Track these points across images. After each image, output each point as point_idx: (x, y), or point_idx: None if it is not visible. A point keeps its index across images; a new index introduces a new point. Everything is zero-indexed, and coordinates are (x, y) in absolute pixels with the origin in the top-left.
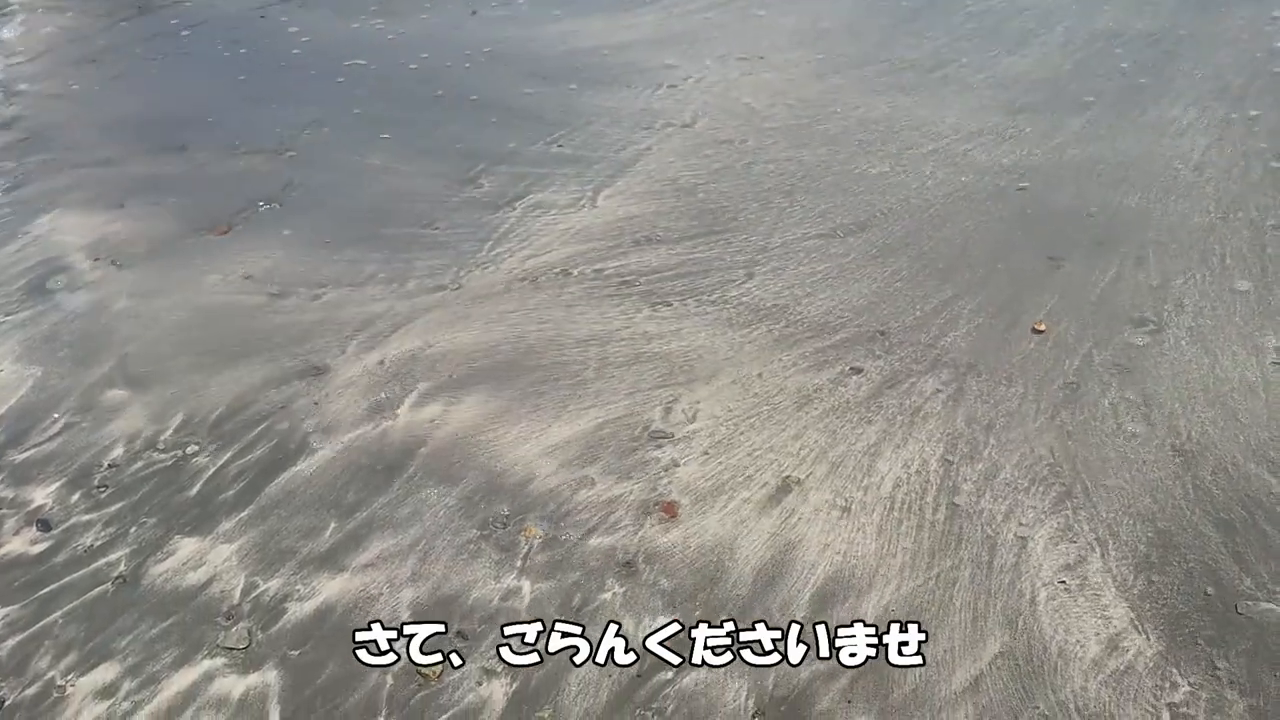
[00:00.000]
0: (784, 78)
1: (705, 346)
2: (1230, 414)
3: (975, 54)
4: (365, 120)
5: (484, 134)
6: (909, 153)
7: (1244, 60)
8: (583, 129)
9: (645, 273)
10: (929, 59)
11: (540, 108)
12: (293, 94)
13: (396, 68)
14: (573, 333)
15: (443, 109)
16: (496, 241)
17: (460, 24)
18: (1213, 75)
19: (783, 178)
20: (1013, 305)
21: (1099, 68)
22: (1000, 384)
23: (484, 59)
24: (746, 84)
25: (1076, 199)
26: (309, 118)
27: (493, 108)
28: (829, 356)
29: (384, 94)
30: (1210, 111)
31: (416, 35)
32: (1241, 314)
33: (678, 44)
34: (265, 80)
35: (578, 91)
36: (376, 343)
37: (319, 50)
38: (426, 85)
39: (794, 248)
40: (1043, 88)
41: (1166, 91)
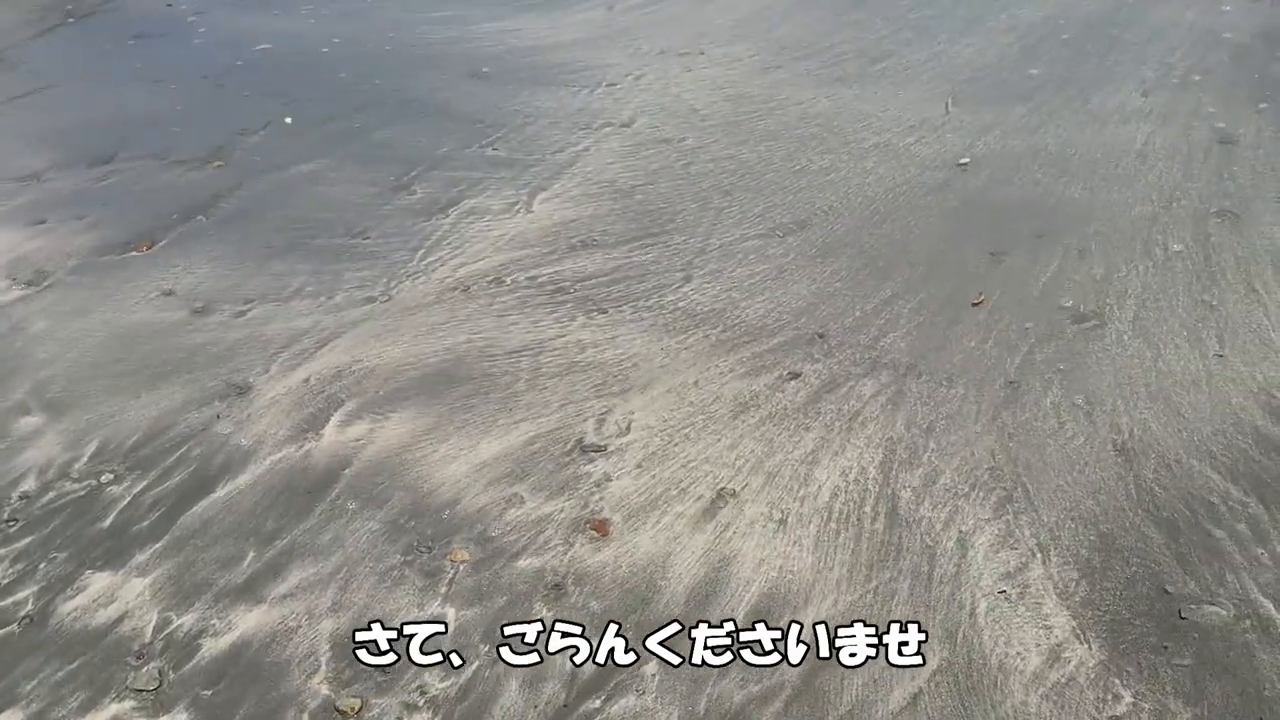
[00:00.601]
0: (724, 73)
1: (641, 354)
2: (1173, 410)
3: (917, 43)
4: (297, 125)
5: (419, 137)
6: (850, 147)
7: (1188, 46)
8: (519, 130)
9: (580, 279)
10: (871, 49)
11: (476, 108)
12: (224, 100)
13: (330, 70)
14: (505, 343)
15: (377, 112)
16: (428, 250)
17: (398, 24)
18: (1157, 61)
19: (722, 176)
20: (954, 302)
21: (1042, 55)
22: (940, 385)
23: (421, 59)
24: (686, 80)
25: (1019, 190)
26: (239, 124)
27: (428, 109)
28: (766, 361)
29: (317, 97)
30: (1154, 98)
31: (352, 36)
32: (1184, 306)
33: (617, 40)
34: (196, 86)
35: (515, 91)
36: (302, 360)
37: (251, 55)
38: (361, 87)
39: (732, 249)
40: (985, 77)
41: (1110, 78)
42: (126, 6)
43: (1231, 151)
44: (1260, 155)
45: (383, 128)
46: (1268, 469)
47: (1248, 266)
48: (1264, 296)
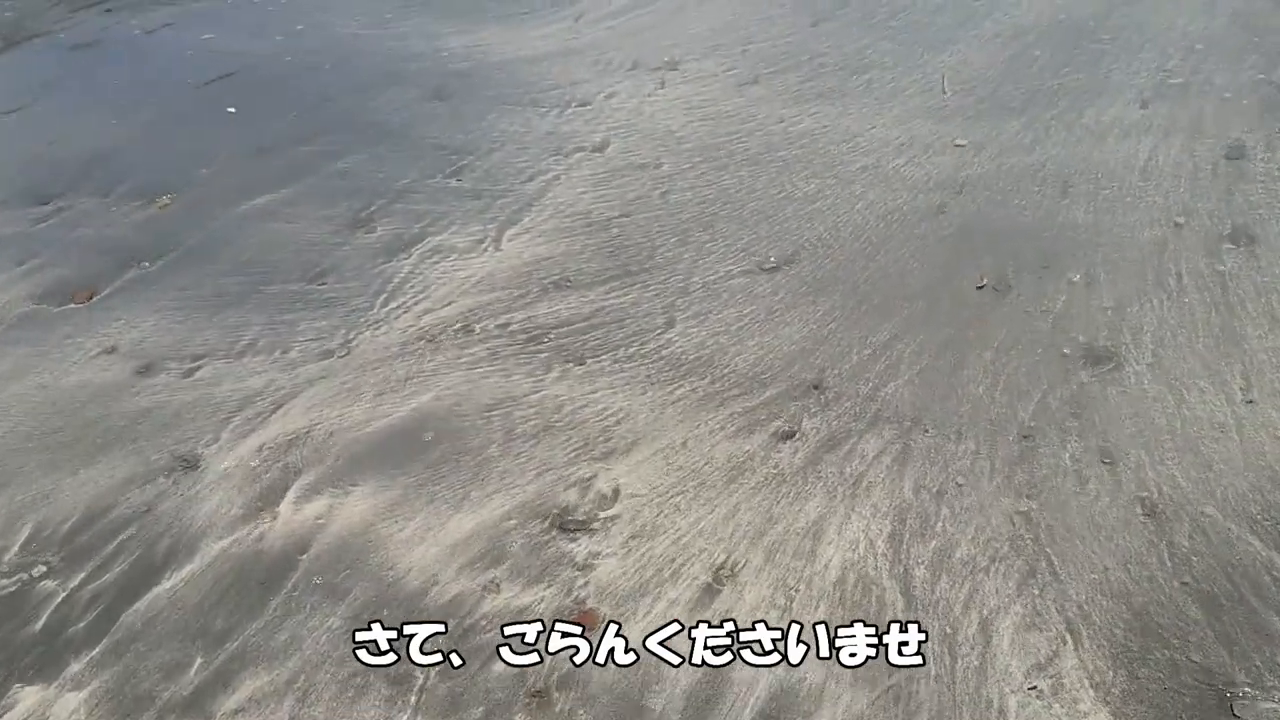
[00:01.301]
0: (700, 90)
1: (623, 411)
2: (1203, 463)
3: (900, 54)
4: (253, 155)
5: (379, 166)
6: (837, 170)
7: (1184, 52)
8: (485, 157)
9: (555, 325)
10: (852, 61)
11: (441, 133)
12: (175, 128)
13: (288, 91)
14: (475, 400)
15: (337, 137)
16: (390, 295)
17: (361, 40)
18: (1153, 68)
19: (702, 206)
20: (957, 343)
21: (1031, 64)
22: (949, 440)
23: (384, 77)
24: (660, 99)
25: (1018, 214)
26: (191, 155)
27: (390, 134)
28: (759, 417)
29: (275, 122)
30: (1154, 109)
31: (313, 54)
32: (1205, 343)
33: (587, 54)
34: (146, 114)
35: (481, 112)
36: (255, 425)
37: (205, 77)
38: (321, 110)
39: (717, 289)
40: (973, 90)
41: (1105, 88)
42: (73, 28)
43: (1241, 167)
44: (1272, 169)
45: (342, 155)
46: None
47: (1269, 295)
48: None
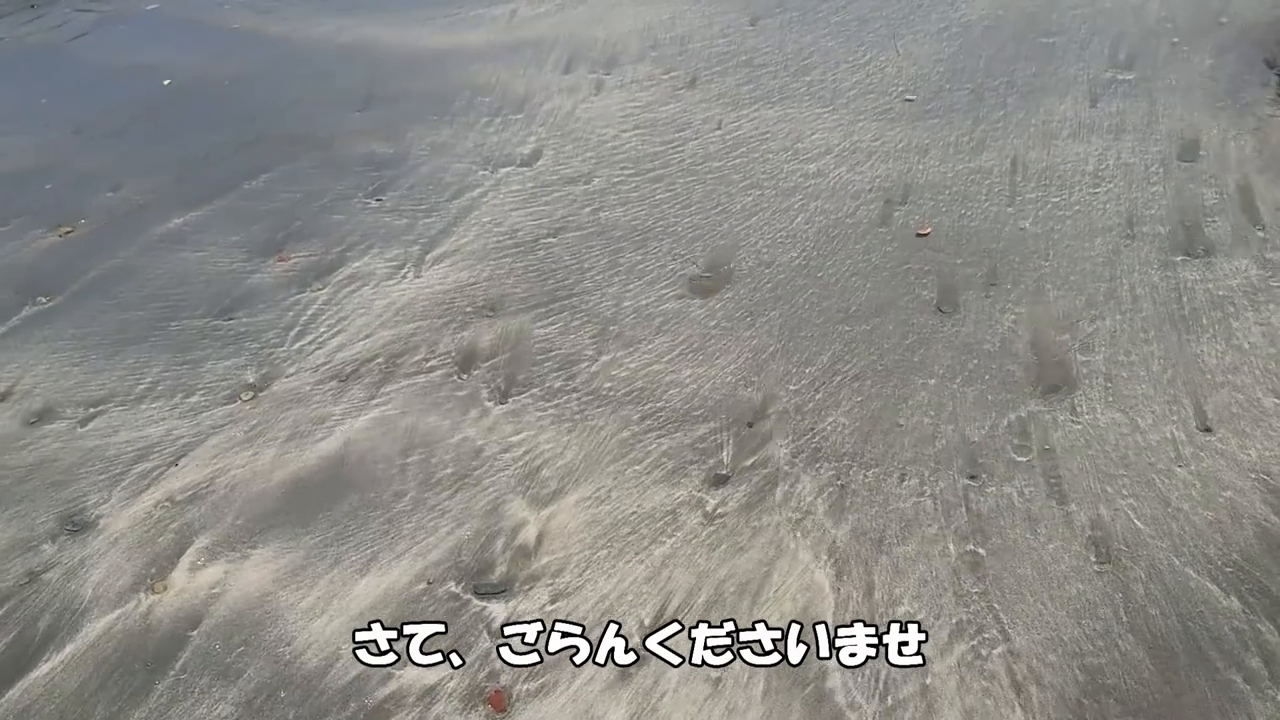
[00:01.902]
0: (635, 94)
1: (548, 453)
2: (1159, 498)
3: (842, 53)
4: (163, 176)
5: (296, 184)
6: (776, 181)
7: (1133, 44)
8: (410, 173)
9: (478, 358)
10: (793, 61)
11: (362, 146)
12: (84, 144)
13: (207, 104)
14: (389, 445)
15: (253, 153)
16: (303, 330)
17: (284, 46)
18: (1103, 62)
19: (635, 224)
20: (901, 369)
21: (978, 62)
22: (891, 477)
23: (310, 84)
24: (594, 105)
25: (964, 225)
26: (98, 175)
27: (310, 148)
28: (691, 458)
29: (188, 139)
30: (1103, 106)
31: (235, 63)
32: (1160, 363)
33: (521, 54)
34: (54, 132)
35: (407, 121)
36: (152, 480)
37: (115, 89)
38: (238, 124)
39: (649, 314)
40: (918, 90)
41: (1054, 85)
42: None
43: (1194, 169)
44: (1223, 170)
45: (257, 174)
46: (1275, 578)
47: (1224, 310)
48: (1247, 349)
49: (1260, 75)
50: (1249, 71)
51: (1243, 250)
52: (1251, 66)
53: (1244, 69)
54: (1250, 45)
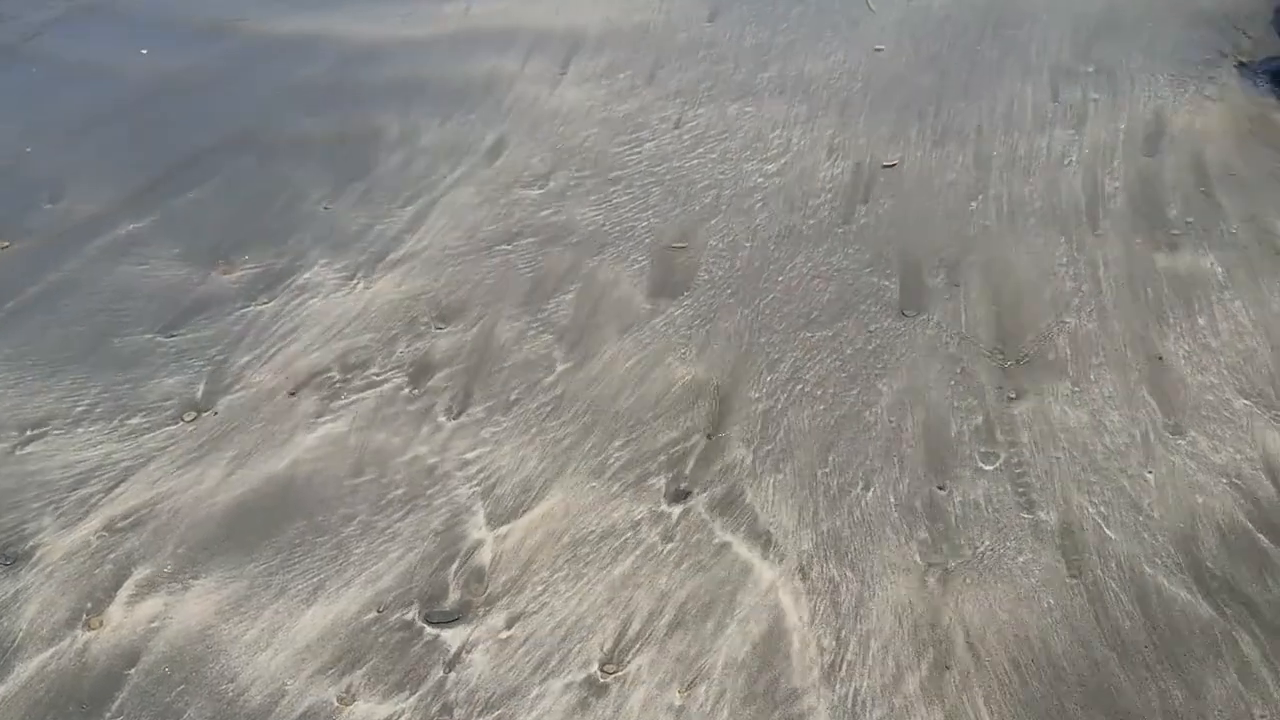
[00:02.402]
0: (598, 88)
1: (503, 470)
2: (1130, 503)
3: (801, 46)
4: (114, 181)
5: (247, 187)
6: (738, 181)
7: (1095, 32)
8: (363, 175)
9: (432, 369)
10: (753, 55)
11: (315, 146)
12: (31, 151)
13: (155, 105)
14: (338, 465)
15: (201, 158)
16: (251, 344)
17: (235, 41)
18: (1066, 52)
19: (593, 228)
20: (862, 378)
21: (938, 53)
22: (856, 486)
23: (264, 80)
24: (557, 99)
25: (928, 223)
26: (41, 183)
27: (260, 151)
28: (652, 469)
29: (132, 143)
30: (1065, 97)
31: (186, 60)
32: (1127, 362)
33: (479, 45)
34: (1, 134)
35: (362, 118)
36: (90, 508)
37: (65, 93)
38: (191, 124)
39: (608, 320)
40: (878, 81)
41: (1016, 75)
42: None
43: (1159, 162)
44: (1190, 164)
45: (205, 179)
46: (1250, 585)
47: (1191, 306)
48: (1214, 345)
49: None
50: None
51: (1210, 241)
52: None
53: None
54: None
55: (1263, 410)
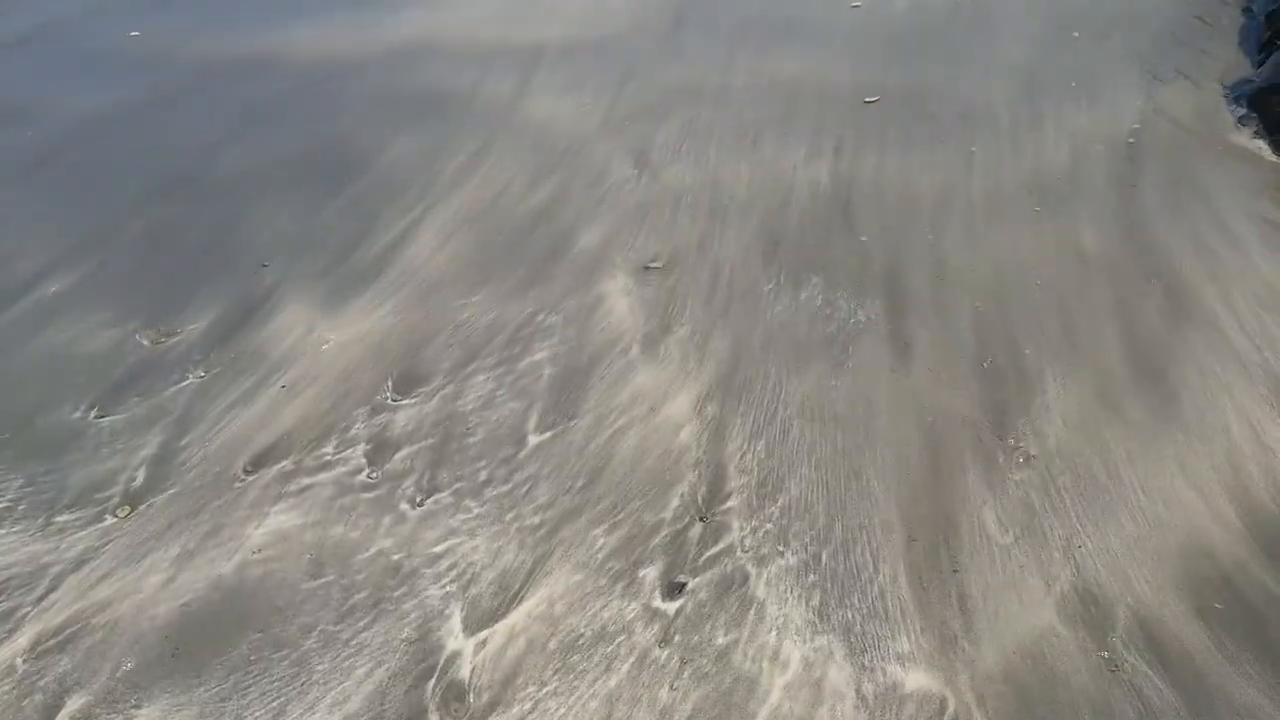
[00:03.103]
0: (580, 98)
1: (476, 564)
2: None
3: (745, 58)
4: (35, 238)
5: (183, 240)
6: (697, 199)
7: (1048, 38)
8: (314, 226)
9: (392, 446)
10: (703, 78)
11: (259, 191)
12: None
13: (89, 145)
14: (293, 566)
15: (137, 206)
16: (192, 422)
17: (185, 70)
18: (1030, 51)
19: (575, 258)
20: (858, 427)
21: (886, 60)
22: (866, 569)
23: (222, 105)
24: (535, 106)
25: (906, 245)
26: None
27: (206, 194)
28: (642, 558)
29: (67, 189)
30: (1016, 111)
31: (122, 90)
32: (1126, 398)
33: (438, 55)
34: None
35: (340, 149)
36: (15, 624)
37: (18, 127)
38: (123, 168)
39: (580, 380)
40: (819, 89)
41: (973, 85)
42: None
43: (1138, 169)
44: (1171, 174)
45: (138, 231)
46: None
47: (1185, 335)
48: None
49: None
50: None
51: (1188, 247)
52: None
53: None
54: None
55: None
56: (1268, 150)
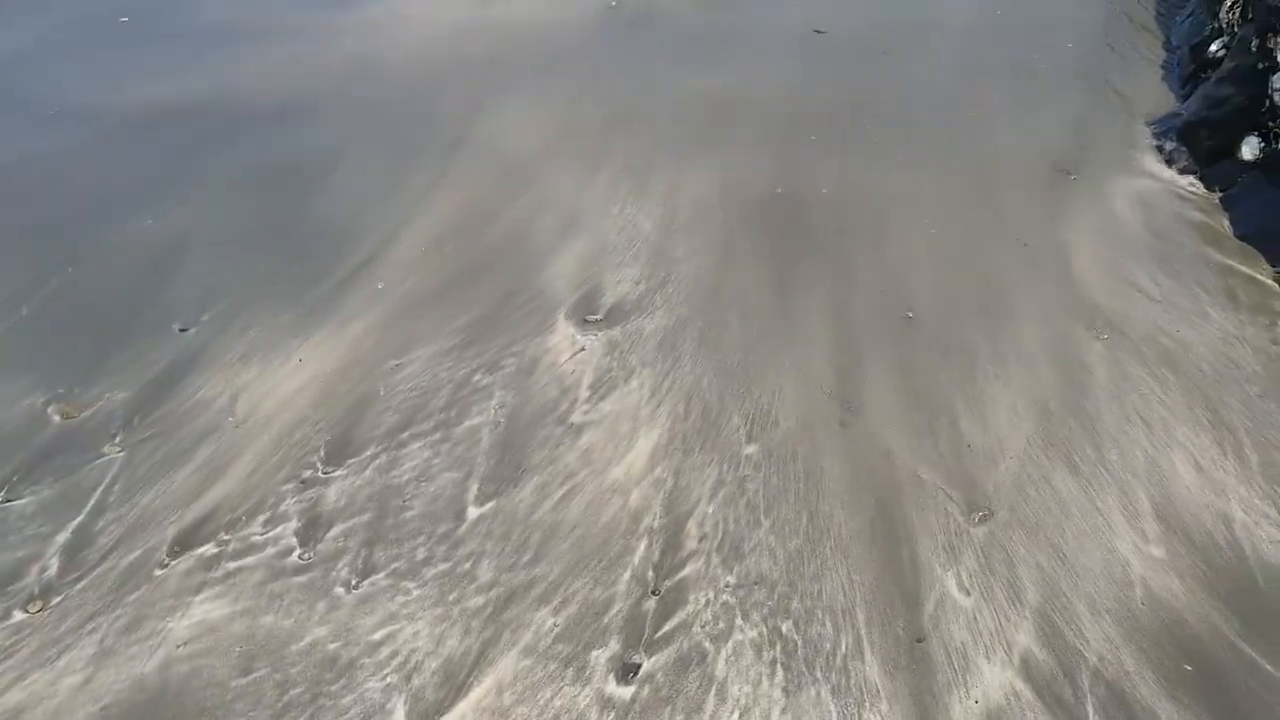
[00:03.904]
0: (565, 114)
1: (418, 651)
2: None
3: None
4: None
5: (95, 305)
6: (644, 242)
7: (987, 56)
8: (225, 285)
9: (325, 522)
10: (656, 142)
11: (206, 241)
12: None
13: (23, 193)
14: (222, 661)
15: (45, 266)
16: (109, 503)
17: (92, 123)
18: (973, 72)
19: (515, 310)
20: (818, 491)
21: (822, 83)
22: (826, 641)
23: (118, 165)
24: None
25: (874, 280)
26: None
27: (107, 256)
28: (592, 639)
29: (34, 242)
30: (969, 136)
31: (33, 143)
32: (1108, 461)
33: (355, 86)
34: None
35: (269, 202)
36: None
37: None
38: (27, 229)
39: (525, 443)
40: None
41: (926, 104)
42: None
43: (1062, 210)
44: (1097, 213)
45: (57, 294)
46: None
47: (1142, 393)
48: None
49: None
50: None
51: (1140, 271)
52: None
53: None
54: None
55: None
56: (1200, 186)
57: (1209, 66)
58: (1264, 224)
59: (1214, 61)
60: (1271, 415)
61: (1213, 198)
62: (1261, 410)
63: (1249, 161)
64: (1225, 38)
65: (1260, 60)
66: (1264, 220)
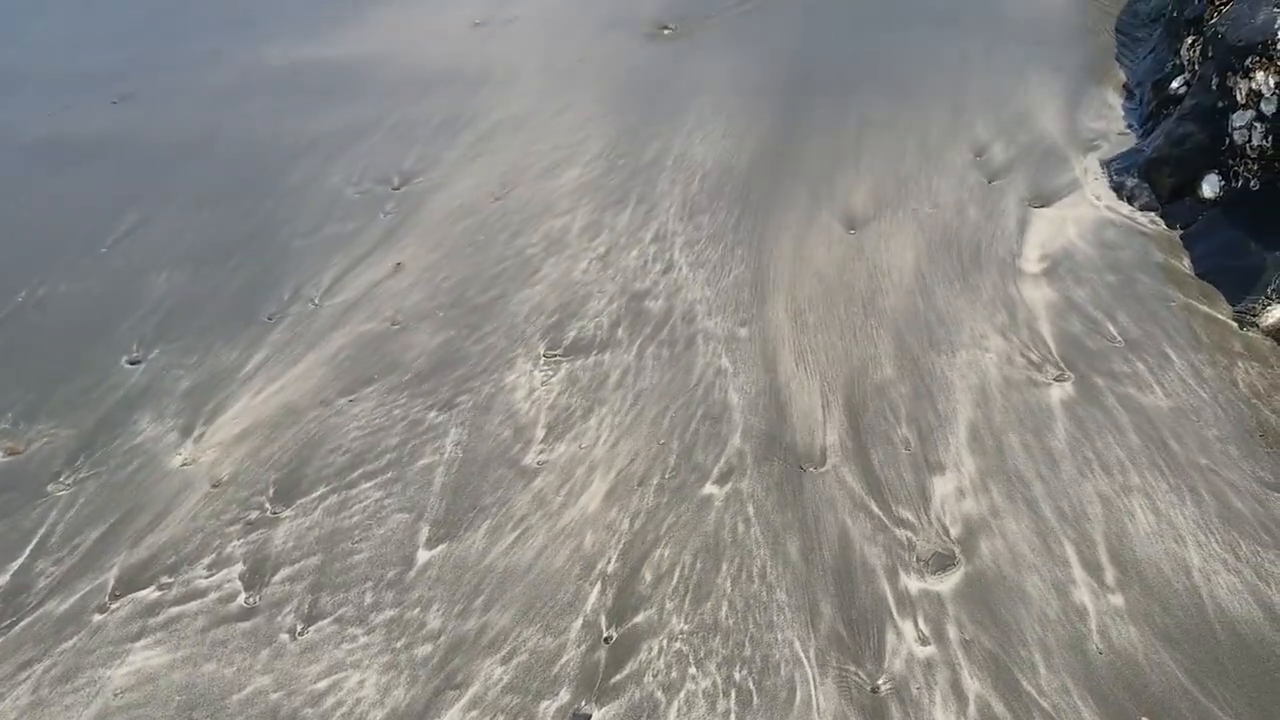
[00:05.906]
0: (517, 158)
1: (367, 705)
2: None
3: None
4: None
5: (57, 332)
6: (604, 276)
7: (997, 117)
8: (176, 318)
9: (271, 565)
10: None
11: (158, 268)
12: None
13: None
14: (165, 709)
15: (14, 294)
16: (49, 544)
17: (44, 152)
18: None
19: (469, 348)
20: (776, 570)
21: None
22: (782, 691)
23: (61, 199)
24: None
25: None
26: None
27: (53, 288)
28: (542, 691)
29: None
30: (962, 178)
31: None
32: (1060, 508)
33: (318, 155)
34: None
35: (221, 230)
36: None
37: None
38: (45, 250)
39: (475, 482)
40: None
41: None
42: None
43: (1030, 218)
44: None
45: (3, 331)
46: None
47: (1112, 437)
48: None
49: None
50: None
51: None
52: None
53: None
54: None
55: None
56: (1161, 223)
57: (1171, 103)
58: (1224, 262)
59: (1175, 98)
60: (1231, 459)
61: (1173, 235)
62: (1220, 454)
63: (1209, 199)
64: (1186, 74)
65: (1220, 99)
66: (1224, 258)
